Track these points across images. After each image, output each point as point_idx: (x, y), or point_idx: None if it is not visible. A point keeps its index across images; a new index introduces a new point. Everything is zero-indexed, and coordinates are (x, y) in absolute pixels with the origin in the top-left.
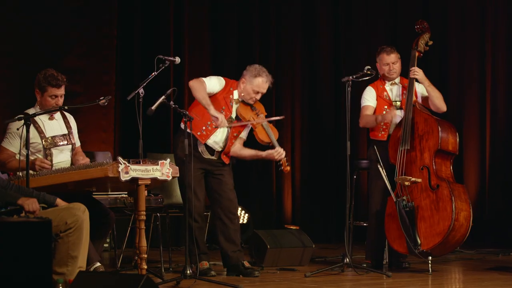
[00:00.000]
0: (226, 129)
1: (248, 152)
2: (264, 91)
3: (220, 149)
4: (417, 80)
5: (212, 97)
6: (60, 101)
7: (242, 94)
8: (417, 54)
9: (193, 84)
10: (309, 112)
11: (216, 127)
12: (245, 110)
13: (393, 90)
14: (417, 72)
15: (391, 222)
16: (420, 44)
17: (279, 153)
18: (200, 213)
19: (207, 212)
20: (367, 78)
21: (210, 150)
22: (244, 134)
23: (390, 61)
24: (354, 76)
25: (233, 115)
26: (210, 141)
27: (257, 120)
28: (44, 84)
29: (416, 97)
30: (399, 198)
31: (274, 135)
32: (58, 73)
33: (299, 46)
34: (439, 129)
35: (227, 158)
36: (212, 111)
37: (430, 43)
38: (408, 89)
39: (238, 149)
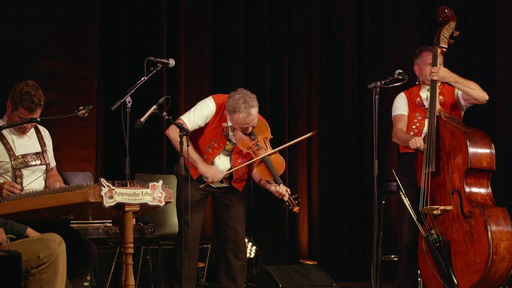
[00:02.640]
0: (227, 158)
1: (261, 183)
2: (250, 124)
3: (227, 177)
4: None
5: (202, 130)
6: (29, 126)
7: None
8: (439, 50)
9: (170, 133)
10: (328, 124)
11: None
12: (242, 140)
13: (429, 98)
14: (435, 72)
15: (425, 259)
16: (442, 37)
17: (279, 193)
18: (192, 239)
19: (206, 244)
20: (398, 84)
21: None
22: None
23: (429, 60)
24: (383, 82)
25: (233, 140)
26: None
27: (256, 154)
28: (17, 102)
29: (453, 100)
30: (428, 232)
31: (278, 168)
32: (36, 92)
33: (316, 45)
34: (468, 143)
35: (240, 184)
36: (201, 168)
37: (456, 33)
38: (430, 95)
39: (256, 176)
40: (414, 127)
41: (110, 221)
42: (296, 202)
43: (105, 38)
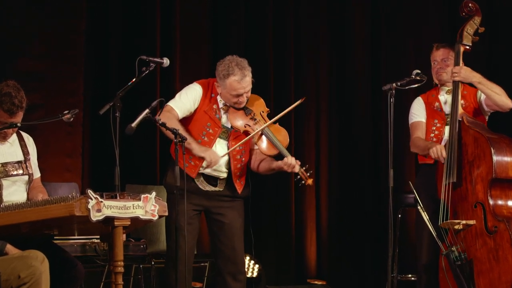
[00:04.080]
0: (225, 146)
1: (262, 166)
2: (245, 90)
3: (224, 176)
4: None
5: (193, 117)
6: (10, 131)
7: (224, 102)
8: (462, 48)
9: (160, 118)
10: (339, 130)
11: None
12: (237, 118)
13: (448, 102)
14: (457, 72)
15: (445, 278)
16: (466, 34)
17: (289, 165)
18: (182, 260)
19: (204, 262)
20: (416, 85)
21: (211, 179)
22: (255, 146)
23: (438, 57)
24: (399, 83)
25: (228, 125)
26: (208, 170)
27: (254, 129)
28: None
29: (475, 104)
30: (449, 249)
31: (282, 140)
32: (18, 93)
33: (325, 42)
34: (492, 150)
35: (240, 185)
36: (195, 149)
37: (481, 30)
38: (452, 98)
39: (257, 165)
40: (433, 135)
41: (98, 237)
42: (308, 174)
43: (92, 35)
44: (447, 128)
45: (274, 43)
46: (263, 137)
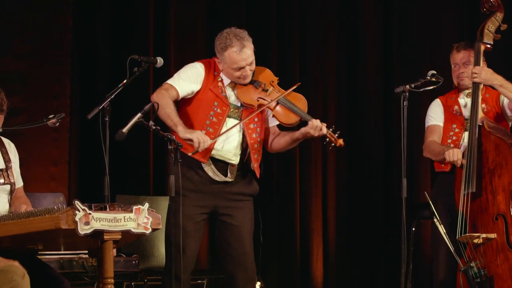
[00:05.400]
0: (238, 129)
1: (283, 141)
2: (247, 62)
3: (234, 162)
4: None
5: (195, 97)
6: None
7: (228, 79)
8: (483, 47)
9: (155, 97)
10: (347, 136)
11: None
12: (247, 93)
13: (468, 105)
14: (477, 73)
15: None
16: (487, 32)
17: (315, 127)
18: (186, 268)
19: (200, 280)
20: (432, 88)
21: (222, 167)
22: (271, 122)
23: (460, 60)
24: (413, 85)
25: (237, 103)
26: (219, 152)
27: (268, 100)
28: None
29: (498, 108)
30: (467, 265)
31: (302, 106)
32: None
33: (332, 41)
34: None
35: (257, 168)
36: (181, 132)
37: (504, 27)
38: (471, 101)
39: (274, 143)
40: (450, 141)
41: (86, 252)
42: (336, 134)
43: (80, 32)
44: (466, 134)
45: (278, 43)
46: (278, 107)
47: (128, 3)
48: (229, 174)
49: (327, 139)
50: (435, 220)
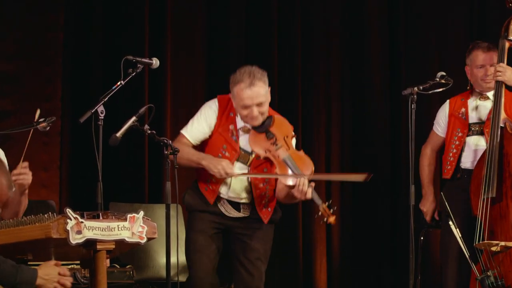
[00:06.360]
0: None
1: (281, 194)
2: (253, 101)
3: (246, 201)
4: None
5: (210, 138)
6: None
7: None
8: (507, 44)
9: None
10: (352, 140)
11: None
12: (258, 142)
13: (479, 108)
14: (501, 71)
15: None
16: None
17: (300, 190)
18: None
19: None
20: (441, 90)
21: (234, 205)
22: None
23: (487, 61)
24: (421, 87)
25: (248, 148)
26: (225, 195)
27: (276, 156)
28: None
29: None
30: (484, 274)
31: (302, 165)
32: None
33: (336, 41)
34: None
35: (267, 212)
36: (206, 162)
37: None
38: (494, 102)
39: (277, 193)
40: (453, 146)
41: (78, 262)
42: (331, 210)
43: (72, 31)
44: (468, 139)
45: (280, 42)
46: (283, 164)
47: (122, 1)
48: (242, 210)
49: (320, 213)
50: (450, 223)
